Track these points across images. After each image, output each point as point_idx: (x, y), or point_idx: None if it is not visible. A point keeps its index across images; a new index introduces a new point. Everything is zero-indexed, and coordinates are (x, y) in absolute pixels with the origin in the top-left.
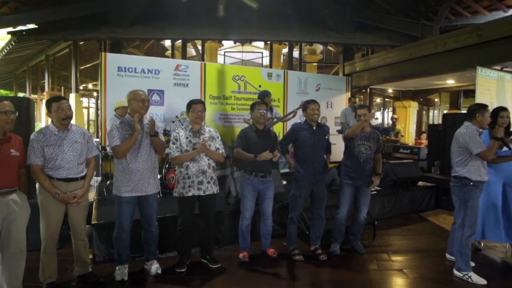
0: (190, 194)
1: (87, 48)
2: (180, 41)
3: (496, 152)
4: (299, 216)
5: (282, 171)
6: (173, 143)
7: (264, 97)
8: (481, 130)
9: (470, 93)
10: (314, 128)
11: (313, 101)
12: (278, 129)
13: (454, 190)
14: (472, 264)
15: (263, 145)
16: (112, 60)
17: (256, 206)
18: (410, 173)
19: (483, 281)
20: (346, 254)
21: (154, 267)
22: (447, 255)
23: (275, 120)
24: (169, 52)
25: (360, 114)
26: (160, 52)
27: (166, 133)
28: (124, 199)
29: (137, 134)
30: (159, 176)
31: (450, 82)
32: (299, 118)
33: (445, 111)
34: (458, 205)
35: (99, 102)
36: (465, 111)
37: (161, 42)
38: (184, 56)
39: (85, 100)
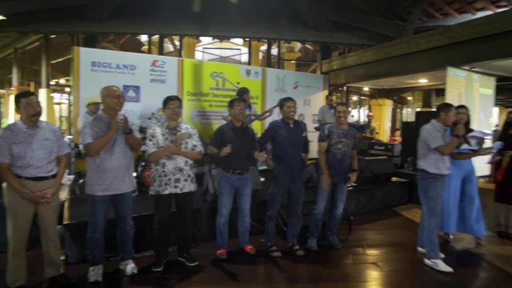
0: (166, 192)
1: (59, 42)
2: (157, 36)
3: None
4: (277, 213)
5: (260, 168)
6: (150, 140)
7: (242, 94)
8: (445, 127)
9: (441, 92)
10: (291, 125)
11: (289, 99)
12: (257, 127)
13: (417, 182)
14: (442, 255)
15: (241, 142)
16: (86, 55)
17: (234, 203)
18: (384, 169)
19: (449, 269)
20: (322, 250)
21: (130, 267)
22: (418, 248)
23: (253, 117)
24: (145, 47)
25: (340, 110)
26: (136, 47)
27: (142, 130)
28: (98, 198)
29: (113, 133)
30: (134, 174)
31: (423, 81)
32: (277, 115)
33: (418, 109)
34: (422, 197)
35: (71, 98)
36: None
37: (137, 37)
38: (161, 51)
39: (56, 96)
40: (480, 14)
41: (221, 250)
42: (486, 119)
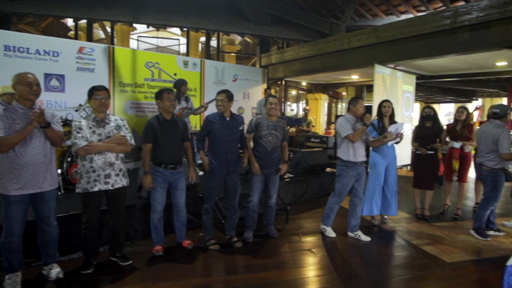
0: (96, 189)
1: None
2: (84, 21)
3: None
4: (213, 206)
5: (199, 161)
6: (78, 133)
7: (180, 86)
8: (356, 118)
9: (371, 87)
10: (228, 119)
11: (221, 92)
12: (195, 121)
13: (336, 167)
14: (368, 238)
15: (172, 136)
16: None
17: (169, 198)
18: (319, 160)
19: (333, 234)
20: (260, 240)
21: (54, 271)
22: (348, 233)
23: (189, 111)
24: (72, 33)
25: (271, 102)
26: (61, 32)
27: (68, 122)
28: (13, 198)
29: (32, 128)
30: (59, 171)
31: (355, 77)
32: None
33: None
34: (336, 179)
35: None
36: (368, 104)
37: (63, 21)
38: (90, 38)
39: None
40: (404, 17)
41: (157, 247)
42: (409, 114)
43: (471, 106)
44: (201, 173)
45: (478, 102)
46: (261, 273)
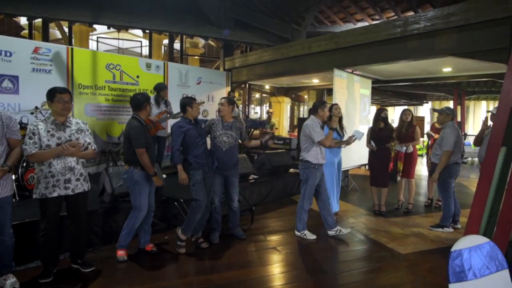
0: (55, 194)
1: None
2: (39, 20)
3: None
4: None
5: (165, 165)
6: (30, 138)
7: (160, 91)
8: (322, 122)
9: (331, 91)
10: (195, 123)
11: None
12: None
13: (300, 171)
14: (314, 236)
15: (150, 139)
16: None
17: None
18: (282, 161)
19: (313, 236)
20: (226, 241)
21: (10, 282)
22: (296, 232)
23: (168, 115)
24: (25, 32)
25: (219, 103)
26: (13, 30)
27: (23, 126)
28: None
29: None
30: (14, 177)
31: (315, 81)
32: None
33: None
34: (302, 184)
35: None
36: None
37: (15, 19)
38: (45, 38)
39: None
40: (360, 25)
41: (121, 251)
42: (365, 116)
43: (422, 109)
44: (164, 176)
45: (428, 104)
46: (227, 273)
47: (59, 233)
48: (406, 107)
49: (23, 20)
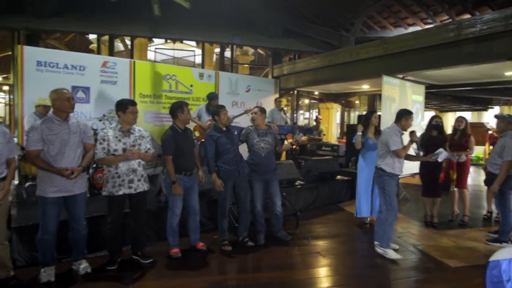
0: (120, 192)
1: None
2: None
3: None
4: (227, 210)
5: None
6: (100, 143)
7: (211, 100)
8: (403, 131)
9: None
10: (225, 130)
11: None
12: None
13: (374, 179)
14: (396, 246)
15: (187, 144)
16: (30, 54)
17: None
18: (329, 168)
19: (398, 256)
20: (271, 243)
21: (83, 266)
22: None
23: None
24: (94, 46)
25: (253, 113)
26: (83, 45)
27: (94, 132)
28: (49, 199)
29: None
30: (86, 176)
31: (365, 87)
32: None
33: (358, 113)
34: (380, 192)
35: (12, 97)
36: (380, 113)
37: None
38: (111, 51)
39: None
40: (411, 29)
41: (174, 249)
42: (418, 123)
43: (487, 115)
44: None
45: (495, 110)
46: (270, 273)
47: (123, 227)
48: (469, 112)
49: (91, 36)
